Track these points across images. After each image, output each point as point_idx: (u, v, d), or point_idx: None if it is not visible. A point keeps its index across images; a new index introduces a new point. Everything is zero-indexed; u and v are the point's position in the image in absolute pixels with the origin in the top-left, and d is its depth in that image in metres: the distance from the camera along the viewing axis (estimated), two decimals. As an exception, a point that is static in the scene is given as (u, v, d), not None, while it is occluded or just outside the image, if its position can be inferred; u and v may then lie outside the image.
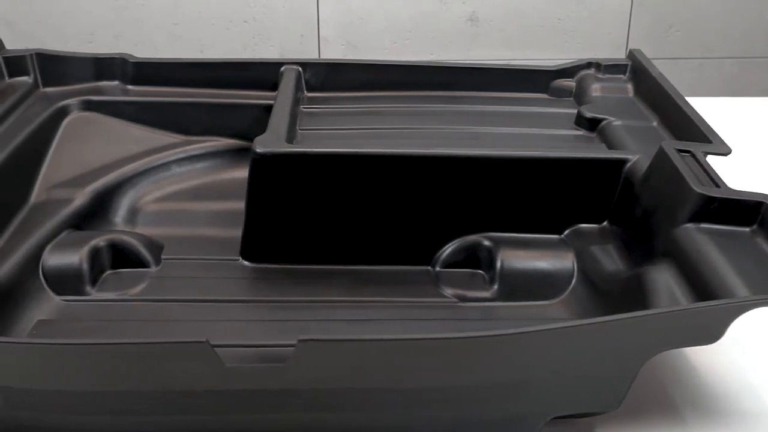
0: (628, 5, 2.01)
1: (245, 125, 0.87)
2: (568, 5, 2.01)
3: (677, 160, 0.65)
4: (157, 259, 0.73)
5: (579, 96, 0.89)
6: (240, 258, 0.74)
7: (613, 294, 0.66)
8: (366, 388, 0.52)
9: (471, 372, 0.52)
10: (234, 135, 0.87)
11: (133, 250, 0.73)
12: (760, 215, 0.61)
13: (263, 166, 0.71)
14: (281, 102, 0.81)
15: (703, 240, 0.60)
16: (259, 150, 0.71)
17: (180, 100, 0.88)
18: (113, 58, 0.89)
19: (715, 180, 0.64)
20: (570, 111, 0.86)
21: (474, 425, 0.56)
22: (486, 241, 0.73)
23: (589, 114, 0.82)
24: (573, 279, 0.71)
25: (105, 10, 1.96)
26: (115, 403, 0.52)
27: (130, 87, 0.90)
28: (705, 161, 0.67)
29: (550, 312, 0.69)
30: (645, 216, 0.67)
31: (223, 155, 0.87)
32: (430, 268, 0.74)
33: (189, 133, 0.87)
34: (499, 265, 0.71)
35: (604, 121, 0.81)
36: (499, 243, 0.73)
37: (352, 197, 0.72)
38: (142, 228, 0.77)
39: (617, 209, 0.72)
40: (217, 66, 0.90)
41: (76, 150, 0.82)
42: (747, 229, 0.61)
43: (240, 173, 0.83)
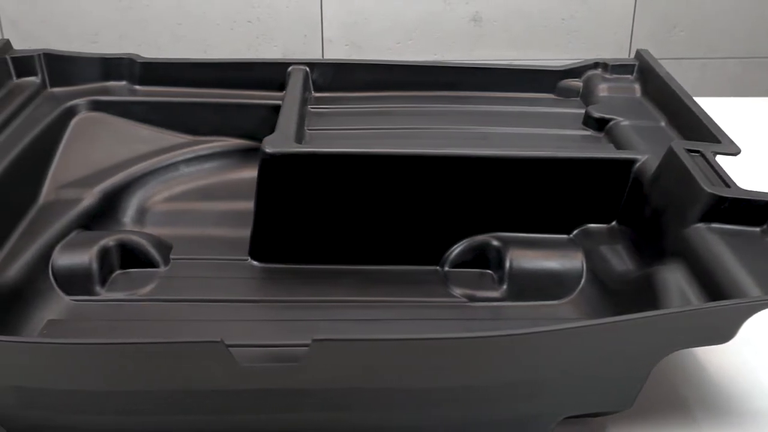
0: (632, 5, 2.01)
1: (253, 125, 0.87)
2: (571, 5, 2.01)
3: (687, 160, 0.65)
4: (166, 259, 0.73)
5: (586, 96, 0.89)
6: (249, 258, 0.74)
7: (623, 294, 0.66)
8: (378, 388, 0.52)
9: (484, 372, 0.52)
10: (242, 135, 0.87)
11: (142, 250, 0.73)
12: (770, 215, 0.61)
13: (272, 166, 0.71)
14: (289, 102, 0.81)
15: (713, 240, 0.60)
16: (268, 150, 0.71)
17: (187, 100, 0.88)
18: (121, 59, 0.89)
19: (725, 180, 0.64)
20: (577, 111, 0.86)
21: (486, 425, 0.56)
22: (495, 241, 0.73)
23: (597, 114, 0.82)
24: (582, 279, 0.71)
25: (109, 10, 1.96)
26: (127, 402, 0.52)
27: (137, 87, 0.90)
28: (715, 161, 0.67)
29: (559, 312, 0.69)
30: (654, 216, 0.67)
31: (230, 155, 0.87)
32: (438, 267, 0.74)
33: (197, 133, 0.87)
34: (508, 264, 0.71)
35: (612, 121, 0.81)
36: (508, 243, 0.73)
37: (361, 197, 0.72)
38: (151, 228, 0.77)
39: (626, 209, 0.72)
40: (225, 66, 0.91)
41: (84, 150, 0.82)
42: (757, 228, 0.61)
43: (248, 173, 0.83)
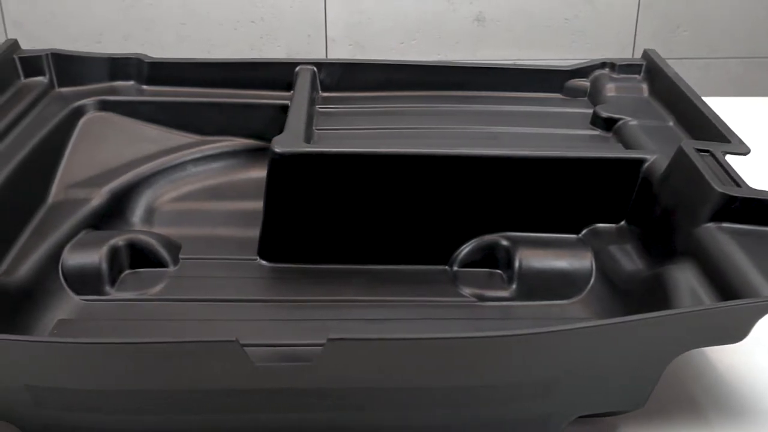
0: (635, 6, 2.01)
1: (260, 125, 0.87)
2: (575, 5, 2.01)
3: (697, 160, 0.65)
4: (175, 259, 0.73)
5: (593, 96, 0.89)
6: (258, 258, 0.74)
7: (633, 293, 0.66)
8: (392, 388, 0.52)
9: (499, 371, 0.52)
10: (249, 135, 0.87)
11: (151, 249, 0.73)
12: (782, 214, 0.61)
13: (282, 166, 0.71)
14: (298, 102, 0.81)
15: (724, 239, 0.60)
16: (277, 150, 0.71)
17: (195, 100, 0.88)
18: (128, 58, 0.89)
19: (735, 179, 0.64)
20: (585, 111, 0.86)
21: (498, 424, 0.56)
22: (504, 241, 0.73)
23: (605, 114, 0.82)
24: (591, 278, 0.71)
25: (113, 10, 1.97)
26: (140, 402, 0.52)
27: (145, 87, 0.90)
28: (725, 161, 0.67)
29: (569, 311, 0.69)
30: (664, 216, 0.67)
31: (238, 155, 0.87)
32: (447, 267, 0.74)
33: (204, 133, 0.87)
34: (517, 264, 0.71)
35: (620, 121, 0.81)
36: (517, 242, 0.73)
37: (371, 197, 0.72)
38: (159, 228, 0.77)
39: (635, 209, 0.72)
40: (232, 66, 0.91)
41: (92, 150, 0.82)
42: (768, 228, 0.61)
43: (256, 173, 0.84)
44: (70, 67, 0.88)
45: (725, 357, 0.67)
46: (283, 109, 0.84)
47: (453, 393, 0.53)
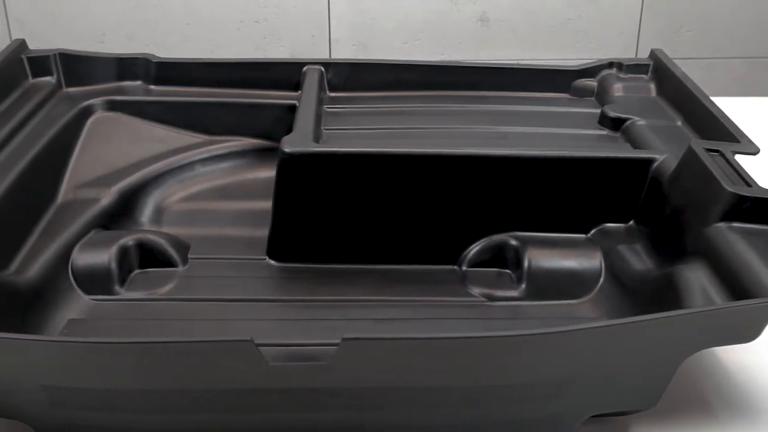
0: (639, 6, 2.01)
1: (268, 125, 0.87)
2: (578, 6, 2.02)
3: (707, 160, 0.65)
4: (184, 259, 0.73)
5: (601, 96, 0.89)
6: (266, 257, 0.74)
7: (643, 293, 0.66)
8: (406, 387, 0.52)
9: (513, 371, 0.52)
10: (257, 135, 0.87)
11: (160, 249, 0.73)
12: (792, 214, 0.61)
13: (291, 166, 0.71)
14: (306, 102, 0.81)
15: (735, 239, 0.60)
16: (287, 150, 0.71)
17: (202, 99, 0.88)
18: (136, 58, 0.89)
19: (745, 179, 0.64)
20: (593, 111, 0.86)
21: (512, 424, 0.56)
22: (513, 241, 0.73)
23: (613, 114, 0.82)
24: (601, 278, 0.71)
25: (116, 10, 1.97)
26: (154, 401, 0.52)
27: (152, 87, 0.90)
28: (734, 160, 0.67)
29: (578, 311, 0.69)
30: (674, 215, 0.67)
31: (246, 155, 0.87)
32: (456, 267, 0.74)
33: (212, 132, 0.87)
34: (526, 264, 0.71)
35: (628, 121, 0.81)
36: (526, 242, 0.73)
37: (380, 197, 0.72)
38: (168, 227, 0.78)
39: (644, 209, 0.72)
40: (240, 66, 0.91)
41: (100, 150, 0.82)
42: (779, 227, 0.61)
43: (264, 173, 0.84)
44: (77, 67, 0.88)
45: (736, 356, 0.67)
46: (291, 109, 0.84)
47: (466, 393, 0.53)
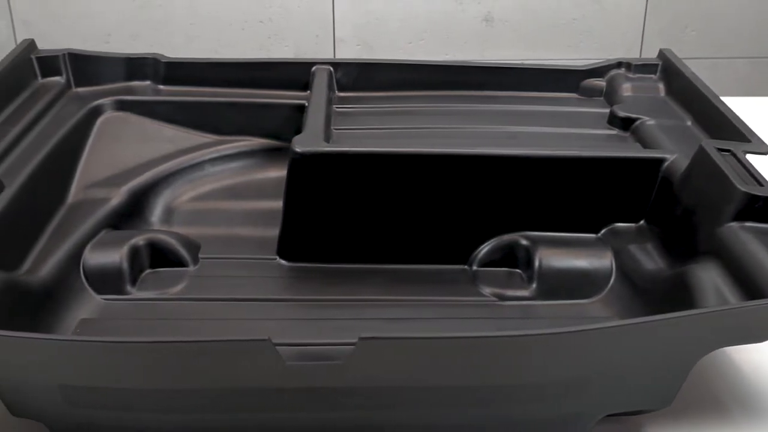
0: (643, 6, 2.01)
1: (277, 125, 0.87)
2: (582, 5, 2.02)
3: (719, 159, 0.65)
4: (194, 259, 0.73)
5: (609, 95, 0.89)
6: (277, 257, 0.74)
7: (654, 293, 0.66)
8: (422, 387, 0.52)
9: (529, 370, 0.52)
10: (266, 135, 0.87)
11: (171, 249, 0.73)
12: (804, 213, 0.61)
13: (302, 166, 0.71)
14: (316, 102, 0.81)
15: (748, 238, 0.60)
16: (298, 149, 0.71)
17: (211, 99, 0.88)
18: (145, 58, 0.89)
19: (758, 179, 0.64)
20: (602, 110, 0.86)
21: (528, 423, 0.56)
22: (523, 240, 0.73)
23: (622, 113, 0.82)
24: (612, 277, 0.71)
25: (121, 10, 1.97)
26: (170, 400, 0.52)
27: (161, 87, 0.90)
28: (746, 160, 0.67)
29: (589, 311, 0.69)
30: (686, 215, 0.67)
31: (255, 155, 0.87)
32: (467, 267, 0.74)
33: (221, 132, 0.87)
34: (537, 263, 0.71)
35: (637, 121, 0.81)
36: (537, 242, 0.73)
37: (390, 196, 0.73)
38: (178, 227, 0.78)
39: (655, 208, 0.72)
40: (248, 66, 0.91)
41: (110, 150, 0.82)
42: (791, 227, 0.61)
43: (273, 173, 0.84)
44: (86, 67, 0.88)
45: (749, 356, 0.67)
46: (299, 109, 0.84)
47: (481, 392, 0.53)
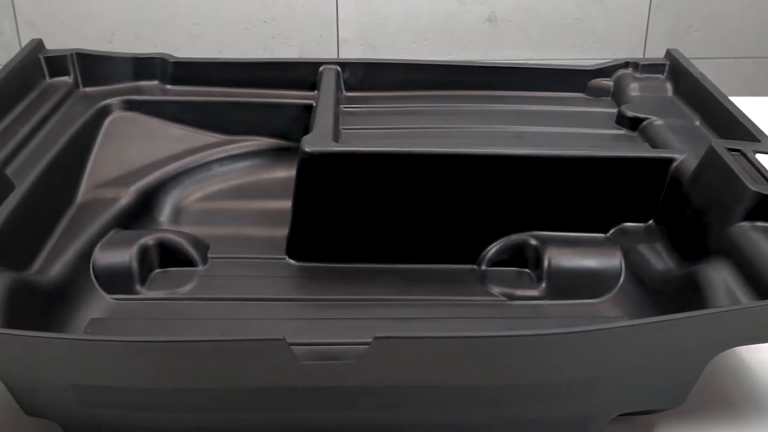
0: (647, 6, 2.01)
1: (284, 125, 0.87)
2: (586, 6, 2.02)
3: (729, 159, 0.65)
4: (204, 258, 0.73)
5: (617, 95, 0.89)
6: (286, 257, 0.74)
7: (664, 292, 0.66)
8: (436, 386, 0.52)
9: (543, 369, 0.52)
10: (273, 134, 0.88)
11: (180, 249, 0.73)
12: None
13: (312, 166, 0.71)
14: (324, 102, 0.81)
15: (758, 238, 0.60)
16: (308, 149, 0.71)
17: (219, 99, 0.88)
18: (153, 58, 0.90)
19: (768, 178, 0.64)
20: (609, 110, 0.86)
21: (542, 422, 0.56)
22: (532, 240, 0.73)
23: (630, 113, 0.82)
24: (621, 277, 0.71)
25: (125, 10, 1.97)
26: (183, 400, 0.52)
27: (169, 87, 0.90)
28: (756, 160, 0.67)
29: (599, 310, 0.69)
30: (695, 215, 0.67)
31: (263, 155, 0.87)
32: (476, 266, 0.74)
33: (228, 132, 0.87)
34: (546, 263, 0.71)
35: (645, 121, 0.81)
36: (546, 242, 0.73)
37: (399, 196, 0.73)
38: (187, 227, 0.78)
39: (664, 208, 0.72)
40: (256, 66, 0.91)
41: (118, 149, 0.82)
42: (802, 227, 0.61)
43: (281, 173, 0.84)
44: (94, 66, 0.88)
45: (760, 355, 0.67)
46: (307, 109, 0.84)
47: (494, 391, 0.53)
